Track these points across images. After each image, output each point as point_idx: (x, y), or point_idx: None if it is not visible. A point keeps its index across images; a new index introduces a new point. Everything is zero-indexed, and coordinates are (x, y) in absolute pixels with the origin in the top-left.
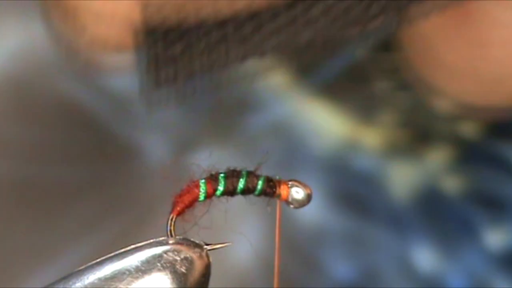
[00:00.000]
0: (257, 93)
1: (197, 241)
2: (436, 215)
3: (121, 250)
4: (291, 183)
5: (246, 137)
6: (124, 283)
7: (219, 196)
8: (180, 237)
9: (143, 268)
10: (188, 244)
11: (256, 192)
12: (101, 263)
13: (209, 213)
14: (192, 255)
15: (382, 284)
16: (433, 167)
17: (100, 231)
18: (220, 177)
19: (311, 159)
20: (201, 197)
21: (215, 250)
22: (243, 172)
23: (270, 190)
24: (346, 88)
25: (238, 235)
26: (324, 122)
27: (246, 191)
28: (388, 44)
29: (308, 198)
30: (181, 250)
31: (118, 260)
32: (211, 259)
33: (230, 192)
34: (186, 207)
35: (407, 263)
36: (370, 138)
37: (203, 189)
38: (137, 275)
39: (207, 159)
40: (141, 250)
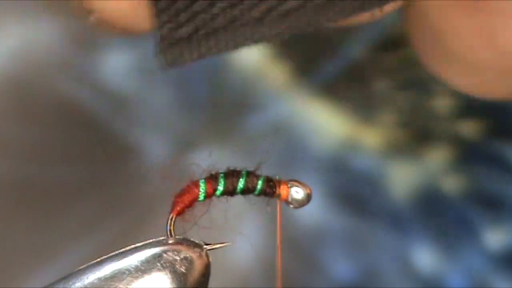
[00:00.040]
0: (257, 93)
1: (197, 241)
2: (436, 215)
3: (121, 250)
4: (291, 183)
5: (246, 137)
6: (124, 283)
7: (219, 196)
8: (180, 237)
9: (143, 268)
10: (188, 244)
11: (256, 192)
12: (101, 263)
13: (209, 213)
14: (192, 255)
15: (382, 284)
16: (433, 167)
17: (100, 231)
18: (220, 177)
19: (311, 159)
20: (201, 197)
21: (215, 250)
22: (243, 172)
23: (270, 190)
24: (346, 88)
25: (238, 235)
26: (324, 122)
27: (246, 191)
28: (390, 42)
29: (308, 198)
30: (181, 250)
31: (118, 260)
32: (211, 259)
33: (230, 192)
34: (186, 207)
35: (407, 263)
36: (370, 138)
37: (203, 189)
38: (137, 275)
39: (207, 159)
40: (141, 250)
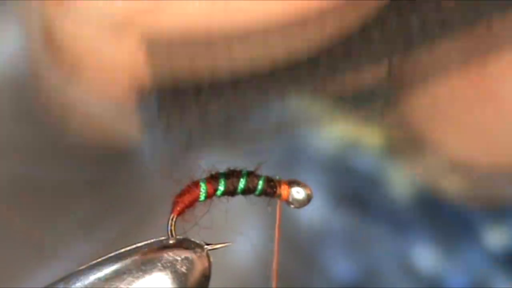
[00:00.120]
0: (257, 93)
1: (198, 241)
2: (436, 215)
3: (121, 250)
4: (292, 183)
5: (246, 137)
6: (125, 283)
7: (220, 196)
8: (181, 237)
9: (144, 268)
10: (189, 244)
11: (257, 192)
12: (102, 263)
13: (210, 213)
14: (193, 255)
15: (382, 284)
16: (433, 167)
17: (100, 231)
18: (221, 177)
19: (312, 159)
20: (202, 197)
21: (216, 250)
22: (244, 172)
23: (271, 190)
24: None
25: (239, 235)
26: (324, 122)
27: (247, 191)
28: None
29: (309, 198)
30: (182, 250)
31: (119, 260)
32: (212, 259)
33: (231, 192)
34: (187, 207)
35: (407, 263)
36: (370, 138)
37: (204, 189)
38: (138, 275)
39: (207, 159)
40: (142, 250)
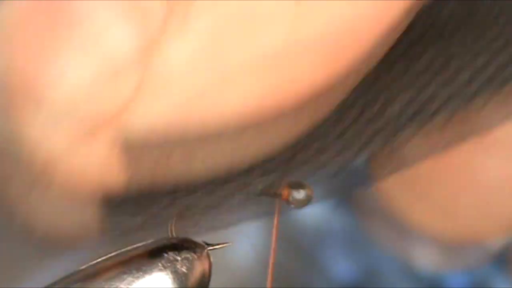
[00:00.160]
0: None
1: (198, 241)
2: None
3: (122, 250)
4: (292, 183)
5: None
6: (125, 283)
7: None
8: (181, 237)
9: (144, 268)
10: (189, 244)
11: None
12: (101, 263)
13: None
14: (193, 255)
15: (382, 284)
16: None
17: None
18: None
19: None
20: None
21: (216, 250)
22: None
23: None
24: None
25: (238, 235)
26: None
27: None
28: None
29: (309, 198)
30: (182, 250)
31: (119, 260)
32: (212, 259)
33: None
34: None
35: (407, 263)
36: None
37: None
38: (138, 275)
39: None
40: (142, 250)
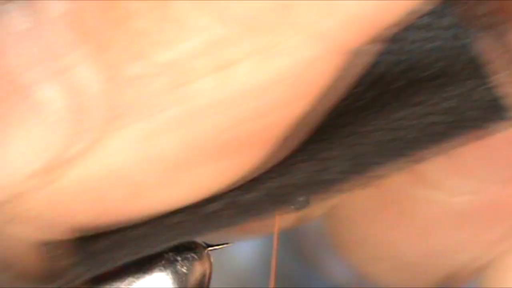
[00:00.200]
0: None
1: (198, 241)
2: None
3: None
4: None
5: None
6: (125, 283)
7: None
8: None
9: (144, 268)
10: (189, 244)
11: None
12: None
13: None
14: (193, 255)
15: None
16: None
17: None
18: None
19: None
20: None
21: (216, 250)
22: None
23: None
24: None
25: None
26: None
27: None
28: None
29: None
30: (182, 251)
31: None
32: (212, 259)
33: None
34: None
35: None
36: None
37: None
38: (138, 275)
39: None
40: None
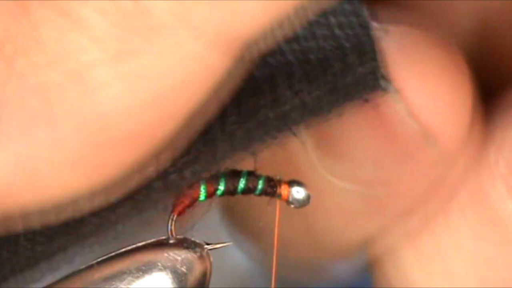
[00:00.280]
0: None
1: (198, 241)
2: None
3: (122, 250)
4: (292, 183)
5: None
6: (125, 283)
7: (220, 196)
8: (181, 237)
9: (144, 268)
10: (189, 244)
11: (257, 192)
12: (101, 263)
13: (210, 213)
14: (193, 255)
15: None
16: None
17: None
18: (221, 177)
19: None
20: (202, 197)
21: (216, 250)
22: (244, 172)
23: (271, 190)
24: None
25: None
26: None
27: (247, 191)
28: None
29: (309, 198)
30: (182, 250)
31: (119, 260)
32: (212, 259)
33: (231, 192)
34: (187, 207)
35: None
36: None
37: (204, 189)
38: (138, 275)
39: None
40: (142, 250)
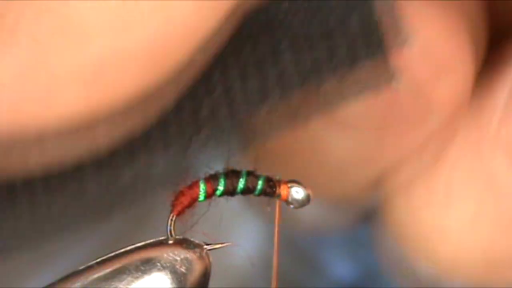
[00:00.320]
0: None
1: (197, 241)
2: None
3: (121, 250)
4: (291, 183)
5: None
6: (124, 283)
7: (219, 196)
8: (180, 237)
9: (143, 268)
10: (188, 244)
11: (256, 192)
12: (101, 263)
13: (210, 213)
14: (192, 255)
15: (382, 284)
16: None
17: (100, 231)
18: (220, 177)
19: None
20: (201, 197)
21: (215, 250)
22: (243, 172)
23: (270, 190)
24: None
25: (238, 235)
26: None
27: (246, 191)
28: None
29: (308, 198)
30: (181, 250)
31: (118, 260)
32: (211, 259)
33: (230, 192)
34: (186, 207)
35: (406, 264)
36: None
37: (203, 189)
38: (137, 275)
39: (207, 159)
40: (141, 250)
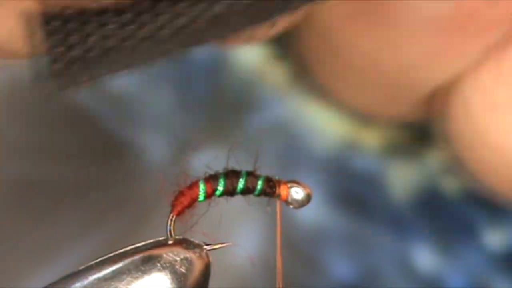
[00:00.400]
0: (257, 93)
1: (197, 241)
2: (436, 215)
3: (121, 250)
4: (291, 183)
5: (246, 137)
6: (124, 283)
7: (219, 196)
8: (180, 237)
9: (143, 268)
10: (188, 244)
11: (256, 192)
12: (101, 263)
13: (209, 213)
14: (192, 255)
15: (382, 284)
16: (433, 167)
17: (100, 231)
18: (220, 177)
19: (311, 159)
20: (201, 197)
21: (215, 250)
22: (243, 172)
23: (270, 190)
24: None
25: (238, 235)
26: (324, 122)
27: (246, 191)
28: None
29: (308, 198)
30: (181, 250)
31: (118, 260)
32: (211, 259)
33: (230, 192)
34: (186, 207)
35: (407, 263)
36: (370, 138)
37: (203, 189)
38: (137, 275)
39: (207, 159)
40: (141, 250)
